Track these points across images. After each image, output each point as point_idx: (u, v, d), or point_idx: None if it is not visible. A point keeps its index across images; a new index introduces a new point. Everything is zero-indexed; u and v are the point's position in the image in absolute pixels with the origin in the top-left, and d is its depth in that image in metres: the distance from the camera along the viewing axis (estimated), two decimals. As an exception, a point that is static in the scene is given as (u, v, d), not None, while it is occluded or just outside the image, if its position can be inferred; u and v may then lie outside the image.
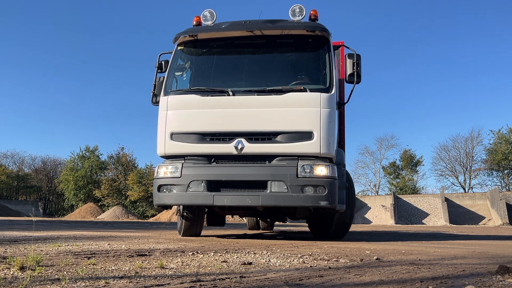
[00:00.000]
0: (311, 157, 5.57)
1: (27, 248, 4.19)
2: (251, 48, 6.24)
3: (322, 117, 5.50)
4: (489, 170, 47.12)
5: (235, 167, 5.67)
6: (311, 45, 6.03)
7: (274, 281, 2.52)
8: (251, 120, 5.66)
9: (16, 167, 61.61)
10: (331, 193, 5.40)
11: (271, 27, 5.97)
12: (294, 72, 6.13)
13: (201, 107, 5.82)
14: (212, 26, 6.13)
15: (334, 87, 5.71)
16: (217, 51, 6.42)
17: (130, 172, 44.58)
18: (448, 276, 2.76)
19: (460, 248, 5.50)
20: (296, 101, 5.61)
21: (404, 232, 14.03)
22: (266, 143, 5.59)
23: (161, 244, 5.21)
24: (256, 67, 6.27)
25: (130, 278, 2.51)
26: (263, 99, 5.72)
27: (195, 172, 5.69)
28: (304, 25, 5.92)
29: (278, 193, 5.46)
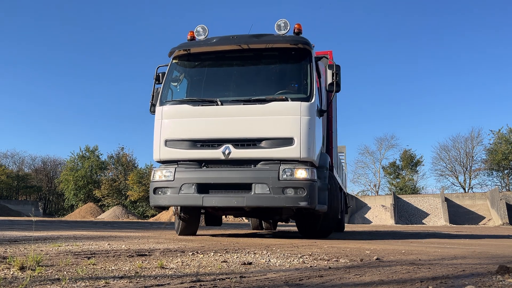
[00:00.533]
0: (292, 161, 5.96)
1: (27, 248, 4.19)
2: (239, 60, 6.70)
3: (302, 124, 5.90)
4: (489, 170, 47.15)
5: (222, 171, 6.11)
6: (293, 57, 6.42)
7: (274, 281, 2.52)
8: (237, 127, 6.10)
9: (16, 167, 61.67)
10: (310, 195, 5.77)
11: (257, 41, 6.41)
12: (278, 82, 6.51)
13: (193, 116, 6.27)
14: (203, 41, 6.61)
15: (315, 96, 6.10)
16: (208, 64, 6.88)
17: (130, 172, 44.57)
18: (448, 276, 2.76)
19: (460, 248, 5.50)
20: (279, 110, 6.01)
21: (404, 232, 14.03)
22: (251, 148, 6.03)
23: (161, 244, 5.21)
24: (243, 78, 6.72)
25: (130, 278, 2.51)
26: (248, 108, 6.13)
27: (186, 176, 6.15)
28: (287, 39, 6.32)
29: (261, 195, 5.86)
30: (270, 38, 6.39)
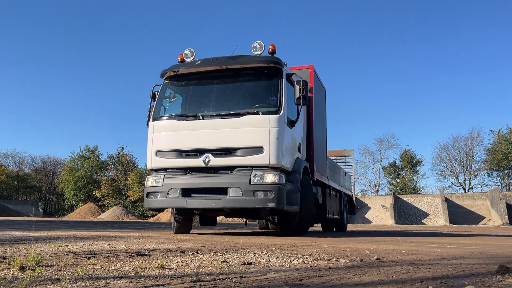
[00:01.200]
0: (263, 167, 6.64)
1: (27, 248, 4.20)
2: (220, 79, 7.51)
3: (270, 135, 6.60)
4: (489, 170, 47.16)
5: (203, 177, 6.91)
6: (266, 75, 7.14)
7: (274, 281, 2.52)
8: (216, 138, 6.86)
9: (16, 167, 61.67)
10: (278, 197, 6.45)
11: (234, 62, 7.21)
12: (253, 98, 7.26)
13: (178, 129, 7.09)
14: (190, 63, 7.52)
15: (283, 110, 6.79)
16: (193, 83, 7.71)
17: (130, 172, 44.56)
18: (448, 276, 2.76)
19: (460, 248, 5.50)
20: (251, 122, 6.77)
21: (404, 231, 14.03)
22: (228, 157, 6.80)
23: (161, 244, 5.21)
24: (223, 94, 7.51)
25: (130, 278, 2.51)
26: (225, 121, 6.90)
27: (173, 182, 6.97)
28: (260, 59, 7.12)
29: (235, 197, 6.61)
30: (245, 59, 7.21)
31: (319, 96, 9.11)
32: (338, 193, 11.32)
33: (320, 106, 9.33)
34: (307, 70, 8.44)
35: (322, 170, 9.14)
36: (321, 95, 9.44)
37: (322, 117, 9.51)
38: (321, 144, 9.17)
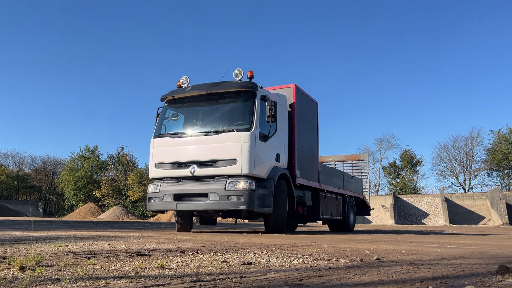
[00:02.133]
0: (237, 176, 7.73)
1: (27, 248, 4.20)
2: (206, 102, 8.61)
3: (242, 149, 7.68)
4: (489, 170, 47.16)
5: (189, 184, 8.11)
6: (242, 98, 8.29)
7: (274, 281, 2.52)
8: (200, 152, 8.06)
9: (16, 167, 61.63)
10: (248, 200, 7.53)
11: (216, 88, 8.38)
12: (231, 117, 8.35)
13: (172, 145, 8.39)
14: (183, 89, 8.78)
15: (254, 127, 7.85)
16: (186, 105, 8.87)
17: (130, 172, 44.51)
18: (448, 276, 2.76)
19: (460, 248, 5.50)
20: (227, 138, 7.90)
21: (404, 231, 14.03)
22: (209, 167, 7.98)
23: (161, 244, 5.21)
24: (208, 115, 8.58)
25: (130, 278, 2.51)
26: (207, 138, 8.09)
27: (166, 188, 8.29)
28: (238, 84, 8.29)
29: (214, 201, 7.79)
30: (225, 85, 8.41)
31: (305, 110, 10.11)
32: (340, 196, 12.13)
33: (309, 118, 10.38)
34: (290, 89, 9.49)
35: (310, 176, 9.99)
36: (308, 108, 10.42)
37: (311, 128, 10.52)
38: (310, 153, 10.18)
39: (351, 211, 13.10)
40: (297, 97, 9.50)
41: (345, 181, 12.82)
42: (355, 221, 13.91)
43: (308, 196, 10.08)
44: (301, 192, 9.77)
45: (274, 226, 8.57)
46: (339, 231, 12.36)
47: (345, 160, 15.61)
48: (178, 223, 9.18)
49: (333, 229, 12.89)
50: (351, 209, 13.11)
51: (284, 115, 9.01)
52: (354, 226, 13.77)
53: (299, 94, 9.70)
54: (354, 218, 13.50)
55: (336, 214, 11.78)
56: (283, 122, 8.86)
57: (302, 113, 9.77)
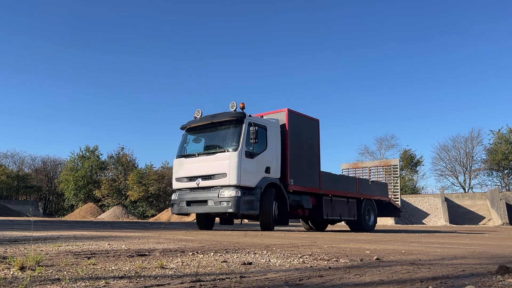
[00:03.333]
0: (228, 186, 9.69)
1: (27, 248, 4.20)
2: (209, 129, 10.82)
3: (230, 165, 9.68)
4: (489, 170, 47.13)
5: (196, 193, 10.32)
6: (233, 125, 10.24)
7: (274, 281, 2.52)
8: (203, 169, 10.23)
9: (16, 167, 61.61)
10: (234, 205, 9.47)
11: (215, 118, 10.57)
12: (225, 140, 10.30)
13: (185, 164, 10.68)
14: (196, 119, 11.05)
15: (240, 147, 9.79)
16: (197, 132, 11.14)
17: (130, 172, 44.50)
18: (448, 276, 2.76)
19: (460, 248, 5.50)
20: (221, 157, 9.97)
21: (404, 230, 14.04)
22: (209, 180, 10.08)
23: (161, 244, 5.21)
24: (211, 138, 10.85)
25: (130, 278, 2.51)
26: (208, 157, 10.29)
27: (182, 197, 10.57)
28: (230, 114, 10.27)
29: (211, 206, 9.90)
30: (221, 115, 10.47)
31: (301, 129, 11.81)
32: (353, 199, 13.50)
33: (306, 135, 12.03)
34: (283, 112, 11.30)
35: (308, 183, 11.66)
36: (305, 127, 12.05)
37: (310, 143, 12.12)
38: (308, 164, 11.87)
39: (370, 212, 14.32)
40: (290, 119, 11.25)
41: (360, 186, 14.04)
42: (376, 221, 14.85)
43: (306, 200, 11.62)
44: (298, 197, 11.37)
45: (262, 223, 10.39)
46: (356, 231, 13.62)
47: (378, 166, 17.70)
48: (198, 223, 11.52)
49: (352, 229, 14.27)
50: (370, 211, 14.32)
51: (276, 135, 10.84)
52: (375, 226, 14.75)
53: (292, 116, 11.44)
54: (374, 218, 14.53)
55: (347, 215, 13.18)
56: (274, 140, 10.74)
57: (296, 131, 11.49)
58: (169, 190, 42.68)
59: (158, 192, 40.89)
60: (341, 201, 12.91)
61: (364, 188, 14.17)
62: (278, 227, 12.56)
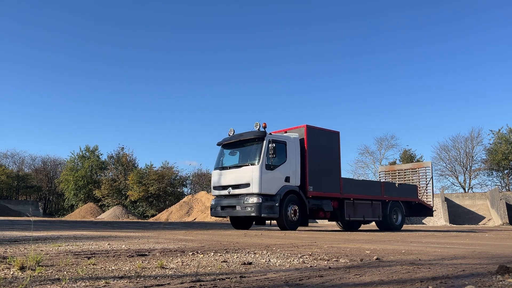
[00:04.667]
0: (251, 194, 11.37)
1: (27, 248, 4.20)
2: (238, 145, 12.56)
3: (253, 176, 11.38)
4: (489, 170, 47.08)
5: (228, 200, 12.03)
6: (256, 142, 11.89)
7: (274, 281, 2.52)
8: (232, 179, 11.92)
9: (16, 167, 61.61)
10: (257, 209, 11.13)
11: (241, 137, 12.23)
12: (250, 155, 11.98)
13: (220, 175, 12.42)
14: (227, 137, 12.78)
15: (261, 161, 11.42)
16: (229, 147, 12.87)
17: (130, 172, 44.50)
18: (448, 276, 2.76)
19: (460, 248, 5.50)
20: (246, 170, 11.63)
21: (404, 230, 14.05)
22: (237, 189, 11.74)
23: (161, 244, 5.21)
24: (240, 154, 12.57)
25: (130, 278, 2.51)
26: (236, 170, 11.98)
27: (217, 203, 12.38)
28: (254, 133, 11.92)
29: (238, 210, 11.60)
30: (247, 134, 12.13)
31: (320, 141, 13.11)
32: (377, 201, 14.61)
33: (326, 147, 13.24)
34: (302, 129, 12.73)
35: (328, 188, 12.95)
36: (325, 139, 13.32)
37: (329, 154, 13.33)
38: (328, 172, 13.13)
39: (397, 213, 15.43)
40: (308, 134, 12.64)
41: (385, 189, 15.13)
42: (404, 221, 15.91)
43: (327, 203, 12.88)
44: (319, 201, 12.67)
45: (279, 225, 11.91)
46: (383, 230, 14.73)
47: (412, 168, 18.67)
48: (232, 224, 13.19)
49: (380, 228, 15.44)
50: (397, 211, 15.44)
51: (296, 148, 12.24)
52: (402, 226, 15.68)
53: (311, 131, 12.80)
54: (402, 218, 15.56)
55: (371, 216, 14.38)
56: (293, 153, 12.15)
57: (315, 144, 12.80)
58: (169, 190, 42.83)
59: (158, 192, 40.90)
60: (364, 204, 14.14)
61: (390, 191, 15.29)
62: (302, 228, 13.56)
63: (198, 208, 34.10)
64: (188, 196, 37.88)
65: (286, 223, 11.58)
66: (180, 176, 45.41)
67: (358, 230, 15.24)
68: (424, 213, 17.36)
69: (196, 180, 49.12)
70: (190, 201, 35.47)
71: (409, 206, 16.06)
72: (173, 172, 43.72)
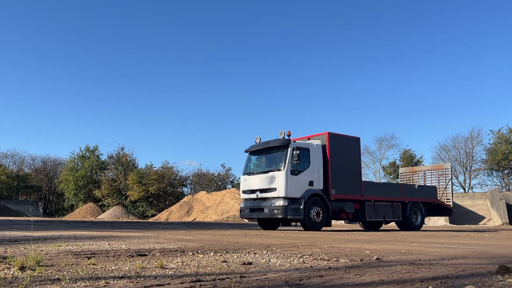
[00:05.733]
0: (278, 198, 12.06)
1: (27, 248, 4.20)
2: (264, 152, 13.26)
3: (279, 181, 12.08)
4: (489, 170, 47.07)
5: (256, 203, 12.71)
6: (281, 149, 12.56)
7: (274, 281, 2.52)
8: (260, 184, 12.60)
9: (16, 167, 61.60)
10: (283, 212, 11.85)
11: (268, 144, 12.99)
12: (275, 161, 12.64)
13: (247, 180, 13.19)
14: (256, 145, 13.48)
15: (286, 167, 12.10)
16: (256, 154, 13.57)
17: (130, 172, 44.51)
18: (448, 276, 2.76)
19: (460, 248, 5.50)
20: (273, 175, 12.31)
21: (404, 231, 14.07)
22: (264, 193, 12.43)
23: (161, 244, 5.21)
24: (266, 160, 13.23)
25: (130, 278, 2.51)
26: (264, 175, 12.61)
27: (246, 205, 13.10)
28: (279, 141, 12.65)
29: (266, 213, 12.26)
30: (272, 142, 12.94)
31: (342, 147, 13.82)
32: (397, 202, 15.22)
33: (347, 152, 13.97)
34: (324, 136, 13.40)
35: (350, 191, 13.63)
36: (346, 145, 14.06)
37: (351, 158, 14.03)
38: (349, 176, 13.80)
39: (417, 213, 16.04)
40: (330, 140, 13.36)
41: (405, 190, 15.79)
42: (423, 221, 16.57)
43: (349, 205, 13.54)
44: (341, 203, 13.31)
45: (304, 226, 12.56)
46: (403, 230, 15.23)
47: (432, 169, 19.27)
48: (260, 225, 13.97)
49: (400, 228, 15.99)
50: (416, 212, 16.05)
51: (318, 154, 12.95)
52: (422, 226, 16.30)
53: (333, 137, 13.51)
54: (421, 219, 16.19)
55: (391, 217, 15.01)
56: (316, 159, 12.83)
57: (337, 150, 13.50)
58: (169, 190, 42.85)
59: (158, 192, 40.91)
60: (384, 205, 14.81)
61: (409, 192, 15.92)
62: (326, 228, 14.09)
63: (198, 208, 34.10)
64: (188, 196, 37.89)
65: (309, 224, 12.27)
66: (180, 176, 45.48)
67: (378, 230, 15.89)
68: (443, 213, 17.86)
69: (196, 180, 49.11)
70: (190, 201, 35.48)
71: (428, 207, 16.64)
72: (173, 172, 43.76)
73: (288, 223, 14.15)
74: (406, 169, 20.74)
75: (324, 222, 12.72)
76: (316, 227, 12.47)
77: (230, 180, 47.95)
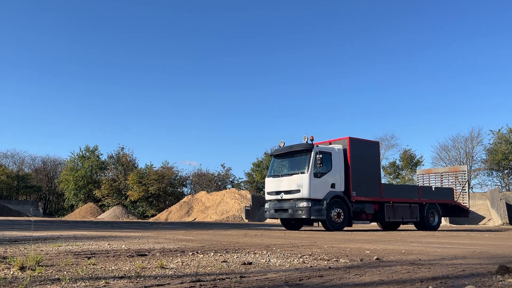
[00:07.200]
0: (302, 199, 12.59)
1: (27, 248, 4.20)
2: (288, 156, 13.83)
3: (303, 183, 12.60)
4: (489, 170, 47.07)
5: (280, 204, 13.22)
6: (305, 153, 13.12)
7: (274, 281, 2.52)
8: (285, 185, 13.11)
9: (16, 167, 61.56)
10: (306, 212, 12.42)
11: (291, 148, 13.57)
12: (299, 164, 13.21)
13: (272, 182, 13.74)
14: (280, 149, 14.12)
15: (310, 170, 12.63)
16: (279, 157, 14.25)
17: (130, 172, 44.50)
18: (448, 276, 2.76)
19: (460, 248, 5.50)
20: (297, 177, 12.82)
21: (404, 230, 14.07)
22: (290, 194, 12.94)
23: (161, 244, 5.21)
24: (290, 163, 13.81)
25: (130, 278, 2.51)
26: (288, 177, 13.15)
27: (270, 206, 13.59)
28: (302, 145, 13.19)
29: (290, 213, 12.78)
30: (296, 146, 13.46)
31: (362, 151, 14.35)
32: (415, 203, 15.75)
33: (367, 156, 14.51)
34: (345, 140, 13.96)
35: (369, 193, 14.19)
36: (366, 149, 14.64)
37: (371, 162, 14.61)
38: (369, 178, 14.34)
39: (434, 214, 16.59)
40: (351, 145, 13.93)
41: (422, 192, 16.22)
42: (440, 221, 17.04)
43: (368, 207, 14.10)
44: (361, 205, 13.86)
45: (326, 226, 13.02)
46: (421, 230, 15.69)
47: (449, 171, 19.96)
48: (283, 225, 14.57)
49: (418, 229, 16.41)
50: (434, 213, 16.60)
51: (340, 158, 13.48)
52: (439, 226, 16.84)
53: (353, 142, 14.11)
54: (438, 219, 16.71)
55: (409, 217, 15.51)
56: (338, 162, 13.38)
57: (357, 154, 14.02)
58: (169, 190, 42.86)
59: (158, 192, 40.91)
60: (402, 206, 15.34)
61: (427, 194, 16.37)
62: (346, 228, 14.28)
63: (198, 208, 34.10)
64: (188, 196, 37.89)
65: (330, 224, 12.80)
66: (180, 176, 45.46)
67: (396, 229, 16.34)
68: (460, 214, 18.39)
69: (196, 180, 49.11)
70: (190, 201, 35.48)
71: (445, 208, 17.23)
72: (173, 172, 43.75)
73: (310, 224, 14.73)
74: (423, 171, 21.32)
75: (345, 223, 13.15)
76: (337, 227, 12.89)
77: (230, 180, 47.97)
